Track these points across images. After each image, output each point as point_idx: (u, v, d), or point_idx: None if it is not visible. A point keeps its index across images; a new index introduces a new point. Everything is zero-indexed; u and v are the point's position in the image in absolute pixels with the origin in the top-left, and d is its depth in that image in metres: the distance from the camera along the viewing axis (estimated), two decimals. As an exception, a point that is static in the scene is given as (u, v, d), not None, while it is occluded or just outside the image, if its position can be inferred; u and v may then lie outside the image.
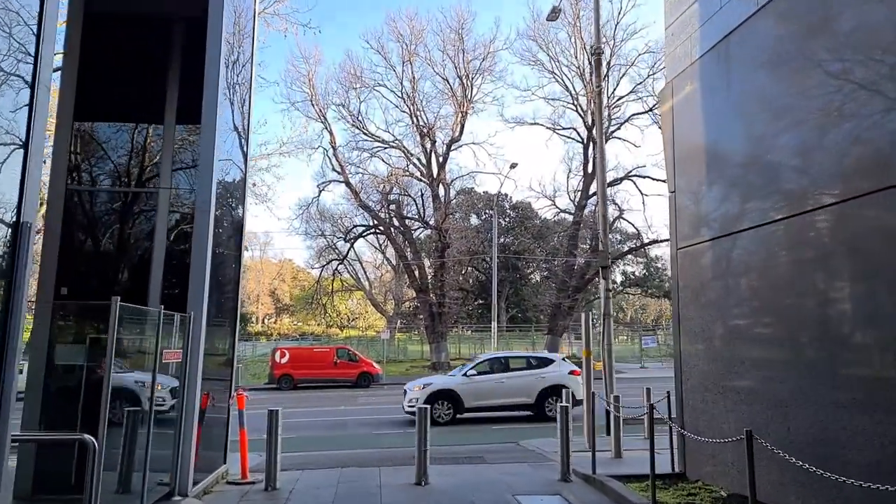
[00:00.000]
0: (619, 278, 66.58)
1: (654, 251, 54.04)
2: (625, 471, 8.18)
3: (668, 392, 8.20)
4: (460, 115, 36.29)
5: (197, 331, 6.88)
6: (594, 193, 39.37)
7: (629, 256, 55.24)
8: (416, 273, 38.69)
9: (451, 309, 40.59)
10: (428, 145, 37.73)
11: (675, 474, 7.91)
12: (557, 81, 38.77)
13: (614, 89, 39.26)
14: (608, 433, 12.06)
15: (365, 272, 59.79)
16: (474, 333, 53.62)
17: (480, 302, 63.70)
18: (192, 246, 7.10)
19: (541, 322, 55.40)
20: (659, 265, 66.66)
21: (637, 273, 69.07)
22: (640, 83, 38.82)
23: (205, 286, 6.99)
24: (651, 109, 38.64)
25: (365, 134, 38.64)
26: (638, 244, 50.70)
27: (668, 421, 7.73)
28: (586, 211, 40.75)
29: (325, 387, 27.38)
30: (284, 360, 28.02)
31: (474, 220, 60.88)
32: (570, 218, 42.96)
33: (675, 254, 8.37)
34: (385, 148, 38.98)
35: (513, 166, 32.49)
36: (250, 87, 9.56)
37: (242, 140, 9.25)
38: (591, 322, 10.93)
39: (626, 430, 11.68)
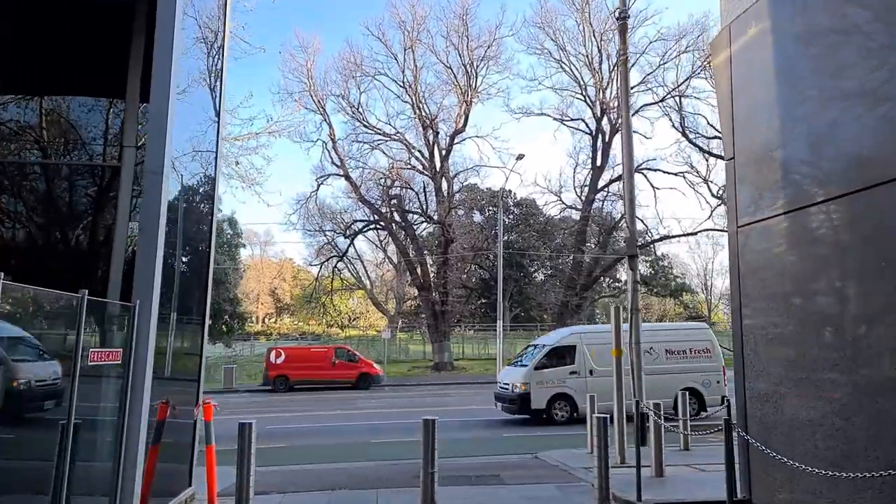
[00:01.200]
0: (623, 276, 65.17)
1: (659, 249, 52.46)
2: (676, 496, 6.73)
3: (725, 398, 6.75)
4: (464, 104, 34.86)
5: (144, 325, 5.44)
6: (602, 187, 37.95)
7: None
8: (419, 270, 37.26)
9: (455, 307, 39.14)
10: (430, 137, 36.30)
11: (739, 501, 6.44)
12: (565, 71, 37.37)
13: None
14: (643, 443, 10.62)
15: (366, 270, 58.36)
16: (477, 333, 52.09)
17: (483, 301, 62.26)
18: (140, 218, 5.66)
19: (545, 321, 53.95)
20: (665, 263, 65.22)
21: (643, 271, 67.70)
22: (651, 73, 37.40)
23: (155, 269, 5.55)
24: (662, 100, 37.22)
25: (365, 126, 37.23)
26: (644, 241, 49.28)
27: (739, 432, 6.27)
28: (593, 206, 39.22)
29: (322, 388, 25.94)
30: (280, 361, 26.59)
31: (477, 218, 59.48)
32: (576, 214, 41.51)
33: (735, 232, 6.91)
34: (386, 141, 37.58)
35: (520, 157, 30.98)
36: (223, 48, 8.11)
37: (213, 104, 7.80)
38: (619, 317, 9.47)
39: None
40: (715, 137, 41.68)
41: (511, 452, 11.07)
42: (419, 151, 37.01)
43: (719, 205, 40.65)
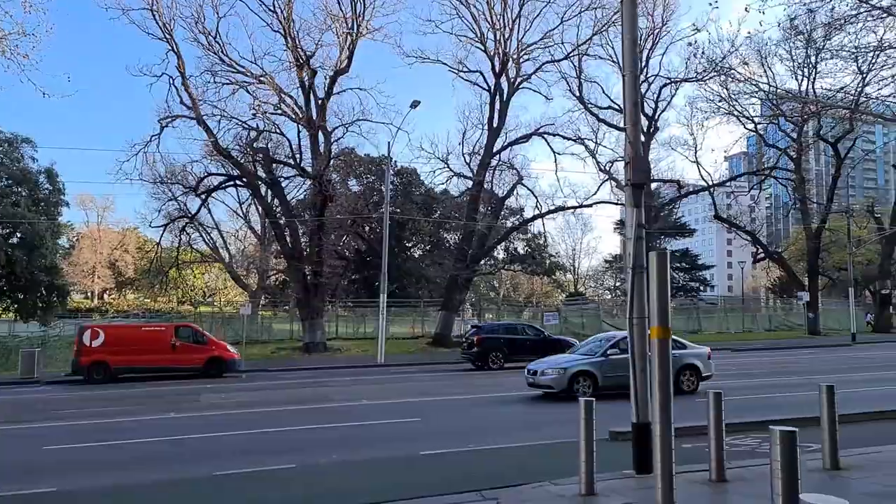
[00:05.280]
0: (501, 255, 63.30)
1: (536, 226, 50.22)
2: None
3: None
4: (349, 39, 29.52)
5: None
6: (499, 151, 34.56)
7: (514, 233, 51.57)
8: (288, 237, 31.66)
9: (331, 280, 34.11)
10: (306, 78, 30.58)
11: None
12: (461, 17, 33.31)
13: (523, 35, 34.46)
14: (642, 469, 6.82)
15: (224, 241, 51.12)
16: (350, 312, 46.84)
17: (358, 276, 57.40)
18: None
19: (421, 297, 50.23)
20: (541, 241, 64.12)
21: (519, 250, 66.38)
22: (553, 29, 34.35)
23: None
24: (566, 57, 34.44)
25: (225, 62, 30.63)
26: (520, 219, 46.89)
27: None
28: (486, 173, 35.65)
29: (157, 378, 20.03)
30: (98, 343, 20.24)
31: (354, 186, 54.40)
32: (464, 183, 37.91)
33: None
34: (251, 83, 31.24)
35: (414, 105, 26.50)
36: None
37: None
38: (666, 268, 5.45)
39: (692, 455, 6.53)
40: (608, 108, 39.98)
41: (450, 491, 6.78)
42: (289, 96, 31.18)
43: (607, 179, 39.06)
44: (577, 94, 37.11)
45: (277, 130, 31.66)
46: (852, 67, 21.63)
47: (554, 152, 34.09)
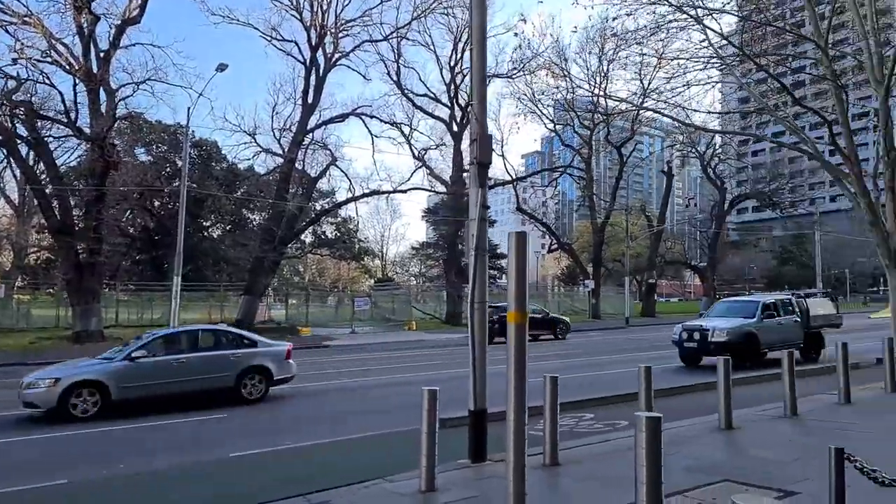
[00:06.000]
0: (308, 238, 61.18)
1: (348, 210, 49.34)
2: None
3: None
4: (142, -16, 25.67)
5: None
6: (313, 128, 32.94)
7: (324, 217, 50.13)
8: (57, 208, 26.80)
9: (111, 259, 29.66)
10: (85, 24, 26.04)
11: None
12: (274, -19, 30.91)
13: (342, 10, 33.21)
14: (478, 458, 6.58)
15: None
16: (134, 296, 41.57)
17: (142, 257, 51.35)
18: None
19: (219, 280, 46.56)
20: (351, 226, 63.26)
21: (329, 233, 64.90)
22: (373, 8, 33.48)
23: None
24: (386, 39, 33.83)
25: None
26: (332, 201, 45.77)
27: None
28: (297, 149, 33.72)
29: None
30: None
31: (143, 156, 48.42)
32: (266, 166, 35.63)
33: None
34: (11, 23, 25.74)
35: (221, 68, 23.89)
36: None
37: None
38: (525, 249, 5.09)
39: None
40: (425, 95, 40.35)
41: (272, 498, 5.82)
42: (63, 43, 26.32)
43: (420, 166, 39.55)
44: (395, 78, 36.90)
45: (46, 81, 26.64)
46: (636, 80, 24.22)
47: (371, 134, 33.58)
